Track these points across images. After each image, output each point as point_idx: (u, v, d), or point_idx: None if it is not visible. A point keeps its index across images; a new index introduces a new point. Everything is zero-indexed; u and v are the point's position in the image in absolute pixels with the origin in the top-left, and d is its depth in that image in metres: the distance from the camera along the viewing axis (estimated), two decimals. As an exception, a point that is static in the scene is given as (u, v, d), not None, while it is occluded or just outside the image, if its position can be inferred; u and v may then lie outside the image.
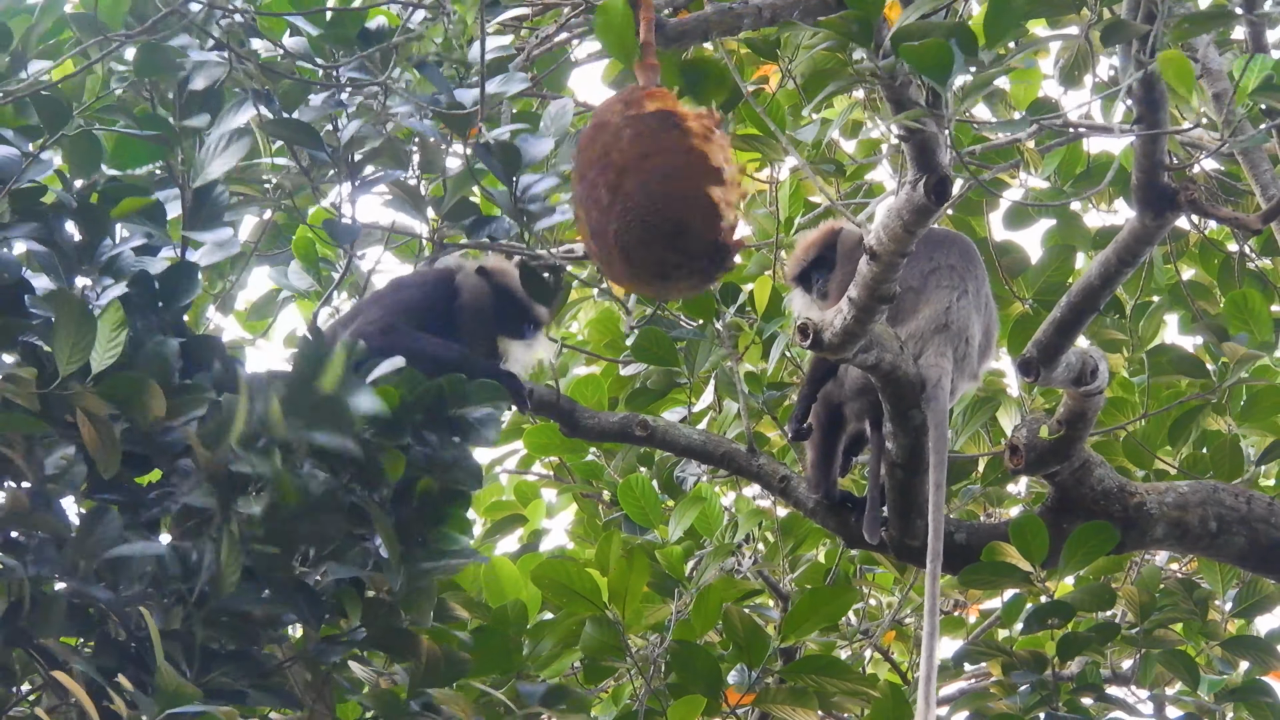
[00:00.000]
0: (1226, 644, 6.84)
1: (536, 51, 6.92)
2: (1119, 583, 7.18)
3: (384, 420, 4.63)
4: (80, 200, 4.95)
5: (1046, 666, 6.34)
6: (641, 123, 4.65)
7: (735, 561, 7.37)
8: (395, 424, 4.68)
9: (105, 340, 4.51)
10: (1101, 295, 5.82)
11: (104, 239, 4.91)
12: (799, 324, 5.70)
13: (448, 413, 4.75)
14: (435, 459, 4.73)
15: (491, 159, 5.22)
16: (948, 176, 5.08)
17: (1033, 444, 6.28)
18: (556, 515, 8.13)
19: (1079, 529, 6.23)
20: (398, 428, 4.68)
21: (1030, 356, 6.02)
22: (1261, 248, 7.60)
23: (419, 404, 4.71)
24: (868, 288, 5.46)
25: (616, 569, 6.10)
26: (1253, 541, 6.52)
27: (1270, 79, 4.93)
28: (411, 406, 4.71)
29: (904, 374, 6.01)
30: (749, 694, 6.27)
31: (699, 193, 4.63)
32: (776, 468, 6.71)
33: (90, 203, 4.96)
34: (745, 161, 7.64)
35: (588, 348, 7.83)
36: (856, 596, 7.34)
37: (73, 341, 4.49)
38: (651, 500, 7.02)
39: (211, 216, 5.12)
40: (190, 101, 5.29)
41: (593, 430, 6.90)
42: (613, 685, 6.70)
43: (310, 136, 5.34)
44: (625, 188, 4.60)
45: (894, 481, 6.29)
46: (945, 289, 6.23)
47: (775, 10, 5.24)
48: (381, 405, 4.54)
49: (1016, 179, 7.60)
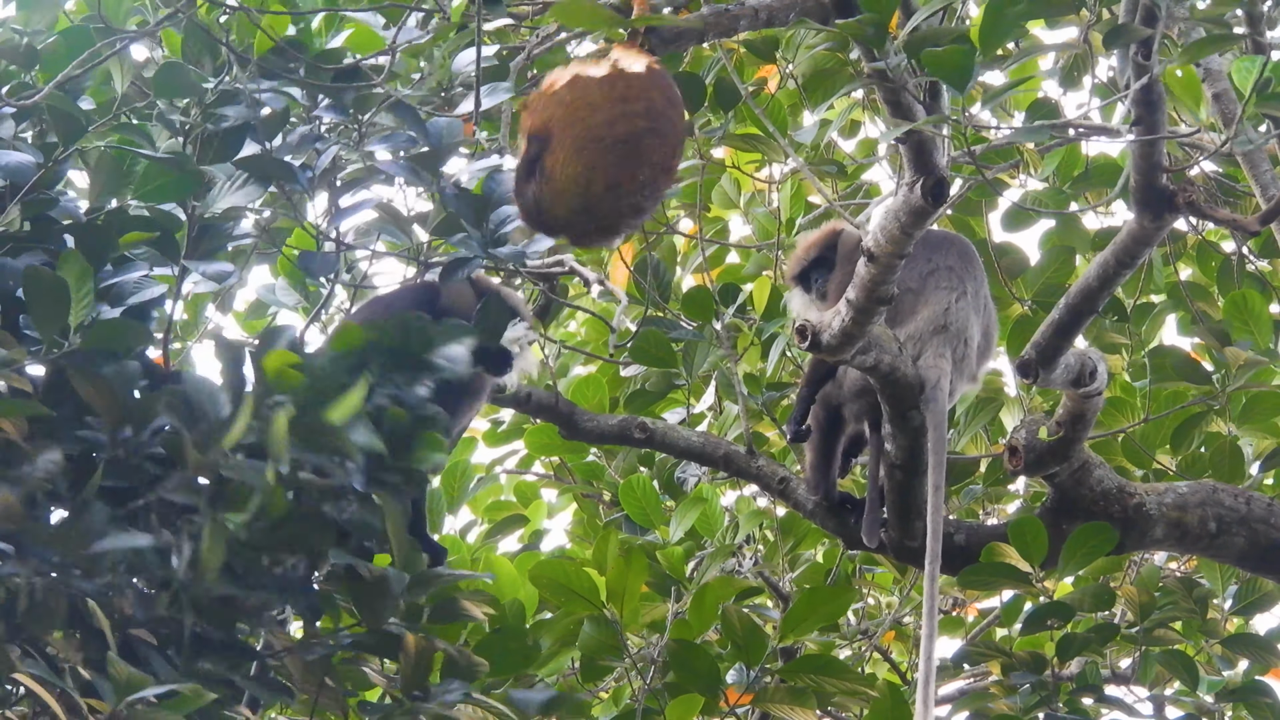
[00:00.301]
0: (1226, 642, 6.85)
1: (537, 50, 6.93)
2: (1118, 582, 7.18)
3: (349, 364, 4.63)
4: (89, 222, 4.95)
5: (1046, 667, 6.35)
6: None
7: (736, 562, 7.38)
8: (359, 365, 4.68)
9: (76, 290, 4.52)
10: (1100, 297, 5.82)
11: (104, 265, 4.91)
12: (797, 326, 5.71)
13: (415, 354, 4.75)
14: (402, 400, 4.73)
15: (460, 204, 5.23)
16: (945, 178, 5.09)
17: (1032, 445, 6.29)
18: (556, 515, 8.14)
19: (1078, 530, 6.24)
20: (360, 369, 4.69)
21: (1029, 358, 6.03)
22: (1261, 249, 7.59)
23: (382, 345, 4.71)
24: (866, 289, 5.46)
25: (614, 568, 6.10)
26: (1252, 542, 6.52)
27: (1270, 82, 4.93)
28: (375, 347, 4.70)
29: (903, 375, 6.01)
30: (748, 693, 6.28)
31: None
32: (775, 469, 6.72)
33: (96, 225, 4.96)
34: (745, 162, 7.66)
35: (587, 348, 7.84)
36: (855, 596, 7.35)
37: (50, 307, 4.51)
38: (653, 501, 7.03)
39: (213, 249, 5.12)
40: (209, 141, 5.30)
41: (592, 433, 6.91)
42: (613, 686, 6.70)
43: (286, 171, 5.34)
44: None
45: (893, 483, 6.29)
46: (944, 290, 6.23)
47: (771, 12, 5.23)
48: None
49: (1016, 180, 7.59)
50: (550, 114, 4.72)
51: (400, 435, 4.69)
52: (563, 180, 4.70)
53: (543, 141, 4.73)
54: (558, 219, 4.76)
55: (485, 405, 6.74)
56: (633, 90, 4.69)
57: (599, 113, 4.68)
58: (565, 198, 4.72)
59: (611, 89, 4.69)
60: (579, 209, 4.72)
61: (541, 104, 4.74)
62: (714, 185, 7.84)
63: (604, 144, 4.68)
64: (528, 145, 4.75)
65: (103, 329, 4.57)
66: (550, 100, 4.73)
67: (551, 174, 4.69)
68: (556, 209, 4.74)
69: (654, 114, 4.68)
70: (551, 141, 4.70)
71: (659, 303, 7.22)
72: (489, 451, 7.97)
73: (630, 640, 6.19)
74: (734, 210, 7.99)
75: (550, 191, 4.72)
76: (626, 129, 4.68)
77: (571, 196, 4.70)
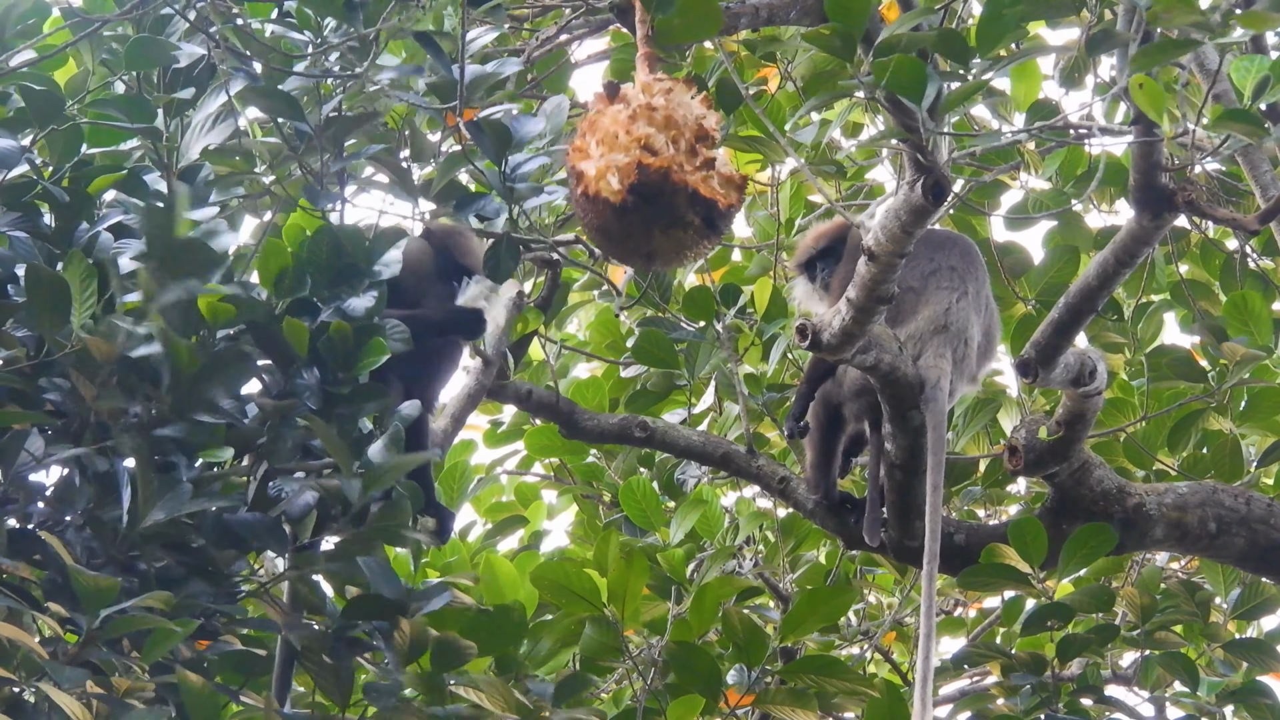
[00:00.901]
0: (1227, 645, 6.84)
1: (537, 53, 6.94)
2: (1120, 582, 7.17)
3: (287, 282, 4.63)
4: (56, 185, 4.95)
5: (1046, 668, 6.34)
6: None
7: (736, 563, 7.37)
8: (297, 282, 4.68)
9: (79, 292, 4.52)
10: (1099, 296, 5.81)
11: (80, 223, 4.90)
12: (798, 325, 5.70)
13: (349, 262, 4.75)
14: (347, 315, 4.73)
15: (483, 136, 5.19)
16: (945, 177, 5.08)
17: (1032, 445, 6.28)
18: (557, 516, 8.14)
19: (1077, 531, 6.23)
20: (298, 285, 4.68)
21: (1028, 358, 6.02)
22: (1262, 248, 7.59)
23: (315, 258, 4.70)
24: (866, 288, 5.46)
25: (615, 569, 6.10)
26: (1252, 543, 6.52)
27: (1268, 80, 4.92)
28: (308, 262, 4.69)
29: (903, 375, 6.01)
30: (748, 694, 6.27)
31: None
32: (776, 469, 6.72)
33: (65, 186, 4.95)
34: (745, 163, 7.65)
35: (587, 349, 7.84)
36: (855, 597, 7.34)
37: (50, 306, 4.51)
38: (653, 503, 7.03)
39: (196, 199, 5.09)
40: (174, 79, 5.27)
41: (592, 432, 6.91)
42: (614, 688, 6.70)
43: (291, 107, 5.28)
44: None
45: (893, 482, 6.29)
46: (945, 290, 6.23)
47: (772, 10, 5.22)
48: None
49: (1017, 180, 7.59)
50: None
51: (347, 349, 4.71)
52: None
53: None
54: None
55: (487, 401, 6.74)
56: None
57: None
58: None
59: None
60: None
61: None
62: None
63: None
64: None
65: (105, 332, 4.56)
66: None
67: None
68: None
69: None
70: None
71: (659, 304, 7.22)
72: (489, 452, 7.98)
73: (631, 641, 6.18)
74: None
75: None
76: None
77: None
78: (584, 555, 7.25)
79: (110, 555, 4.50)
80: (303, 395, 4.66)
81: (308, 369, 4.68)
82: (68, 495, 4.57)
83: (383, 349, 4.73)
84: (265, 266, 4.78)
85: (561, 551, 7.65)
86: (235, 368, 4.57)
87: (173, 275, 4.48)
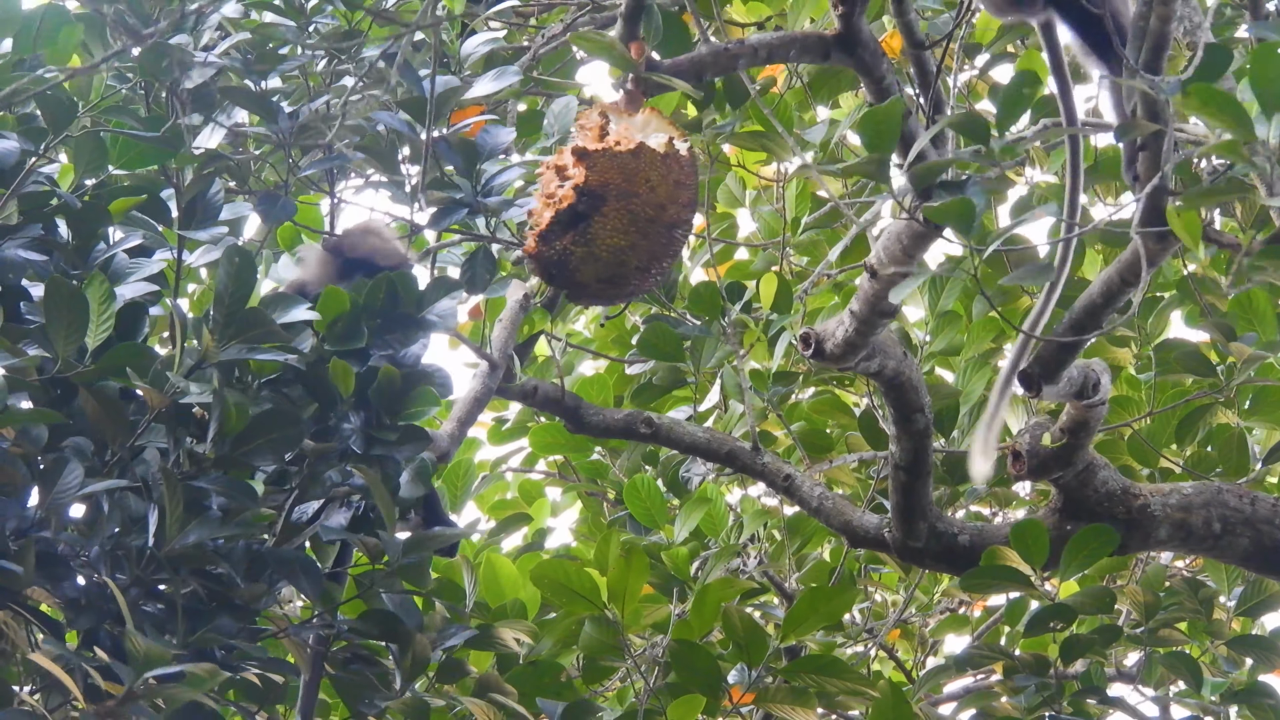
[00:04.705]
0: (1231, 642, 6.84)
1: (543, 50, 6.92)
2: (1124, 581, 7.18)
3: (340, 327, 4.64)
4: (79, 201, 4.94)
5: (1049, 668, 6.35)
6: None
7: (741, 562, 7.38)
8: (351, 329, 4.69)
9: (97, 314, 4.52)
10: (1104, 313, 5.78)
11: (98, 242, 4.91)
12: (801, 333, 5.72)
13: (403, 311, 4.76)
14: (397, 361, 4.75)
15: (451, 153, 5.20)
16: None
17: (1035, 450, 6.27)
18: (561, 514, 8.15)
19: (1079, 532, 6.22)
20: (353, 332, 4.69)
21: (1031, 372, 6.01)
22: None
23: (370, 305, 4.71)
24: (869, 303, 5.47)
25: (616, 568, 6.10)
26: (1257, 543, 6.51)
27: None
28: (364, 309, 4.71)
29: (907, 380, 6.02)
30: (750, 693, 6.28)
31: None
32: (781, 466, 6.72)
33: (85, 202, 4.95)
34: (751, 162, 7.64)
35: (593, 346, 7.84)
36: (857, 595, 7.35)
37: (67, 322, 4.50)
38: (657, 501, 7.02)
39: (207, 216, 5.10)
40: (185, 100, 5.26)
41: (598, 427, 6.91)
42: (617, 687, 6.72)
43: (264, 106, 5.22)
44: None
45: (897, 483, 6.31)
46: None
47: (771, 49, 5.20)
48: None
49: (1022, 177, 7.57)
50: (609, 178, 4.77)
51: (394, 393, 4.72)
52: (604, 250, 4.78)
53: (594, 202, 4.77)
54: (579, 281, 4.84)
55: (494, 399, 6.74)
56: (685, 176, 4.77)
57: (656, 193, 4.75)
58: (598, 266, 4.81)
59: (668, 170, 4.75)
60: (606, 279, 4.81)
61: (602, 162, 4.77)
62: (720, 183, 7.83)
63: (654, 226, 4.74)
64: (576, 197, 4.77)
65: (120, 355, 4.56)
66: (611, 162, 4.76)
67: (595, 240, 4.76)
68: (584, 272, 4.82)
69: (692, 206, 4.77)
70: (605, 206, 4.76)
71: (664, 301, 7.22)
72: (493, 450, 8.00)
73: (632, 641, 6.20)
74: (739, 207, 7.98)
75: (586, 255, 4.78)
76: (674, 216, 4.78)
77: (605, 267, 4.79)
78: (587, 553, 7.26)
79: (135, 576, 4.52)
80: (347, 438, 4.68)
81: (355, 412, 4.70)
82: (95, 520, 4.59)
83: (434, 398, 4.75)
84: (325, 310, 4.76)
85: (566, 549, 7.66)
86: (285, 433, 4.58)
87: (234, 338, 4.50)
